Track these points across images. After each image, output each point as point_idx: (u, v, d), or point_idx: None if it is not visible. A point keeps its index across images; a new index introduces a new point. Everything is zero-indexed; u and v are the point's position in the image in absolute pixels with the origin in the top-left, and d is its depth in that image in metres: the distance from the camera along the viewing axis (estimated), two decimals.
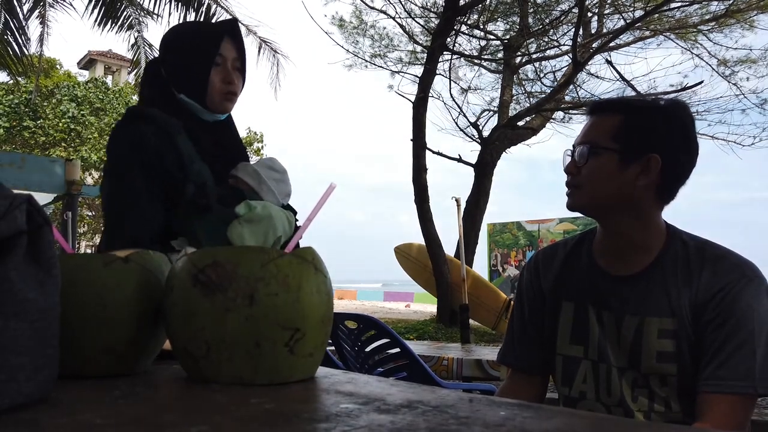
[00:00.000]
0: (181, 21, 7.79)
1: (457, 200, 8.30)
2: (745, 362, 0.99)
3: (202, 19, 7.84)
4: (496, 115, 10.46)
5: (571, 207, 1.15)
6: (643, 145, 1.08)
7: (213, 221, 1.19)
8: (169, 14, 7.79)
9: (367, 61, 10.88)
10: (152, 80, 1.39)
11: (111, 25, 7.89)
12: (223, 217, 1.19)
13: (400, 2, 9.90)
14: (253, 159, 1.44)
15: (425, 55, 9.50)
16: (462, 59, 10.94)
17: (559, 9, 10.05)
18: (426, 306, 16.56)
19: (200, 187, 1.25)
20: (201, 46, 1.34)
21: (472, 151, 17.75)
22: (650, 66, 26.91)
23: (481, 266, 10.93)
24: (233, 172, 1.32)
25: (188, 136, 1.30)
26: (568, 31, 10.10)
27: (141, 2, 7.92)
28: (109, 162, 1.27)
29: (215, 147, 1.37)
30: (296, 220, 1.30)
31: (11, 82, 11.84)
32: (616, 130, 1.10)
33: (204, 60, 1.33)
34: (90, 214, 15.80)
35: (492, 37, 10.83)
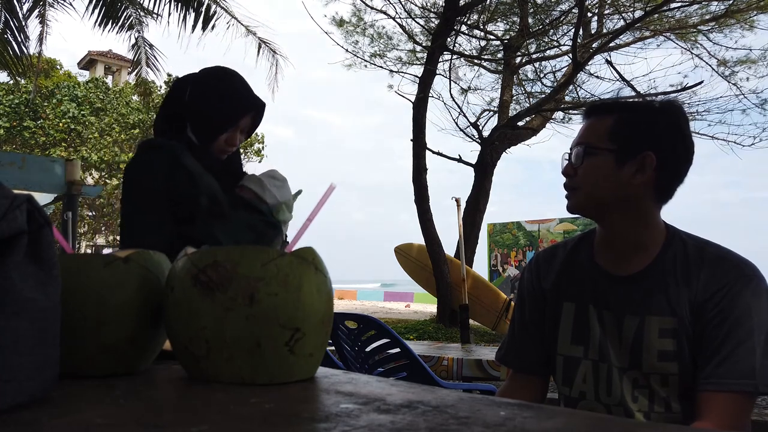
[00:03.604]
0: (181, 21, 7.79)
1: (457, 200, 8.30)
2: (745, 360, 0.99)
3: (201, 21, 7.83)
4: (496, 115, 10.46)
5: (570, 209, 1.16)
6: (638, 143, 1.09)
7: (232, 227, 1.39)
8: (169, 14, 7.79)
9: (366, 60, 10.88)
10: (174, 101, 1.52)
11: (111, 25, 7.89)
12: (241, 222, 1.40)
13: (400, 2, 9.90)
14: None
15: (425, 55, 9.50)
16: (462, 59, 10.94)
17: (559, 9, 10.05)
18: (426, 306, 16.58)
19: (212, 198, 1.41)
20: (224, 115, 1.49)
21: (472, 151, 17.77)
22: (650, 66, 26.90)
23: (481, 266, 10.94)
24: (240, 183, 1.51)
25: (193, 155, 1.46)
26: (568, 32, 10.10)
27: (141, 2, 7.92)
28: (124, 189, 1.44)
29: (216, 168, 1.52)
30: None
31: (11, 82, 11.84)
32: (611, 129, 1.11)
33: (220, 126, 1.49)
34: (90, 214, 15.80)
35: (492, 37, 10.83)
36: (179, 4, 7.72)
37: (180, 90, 1.52)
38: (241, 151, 1.69)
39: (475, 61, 11.08)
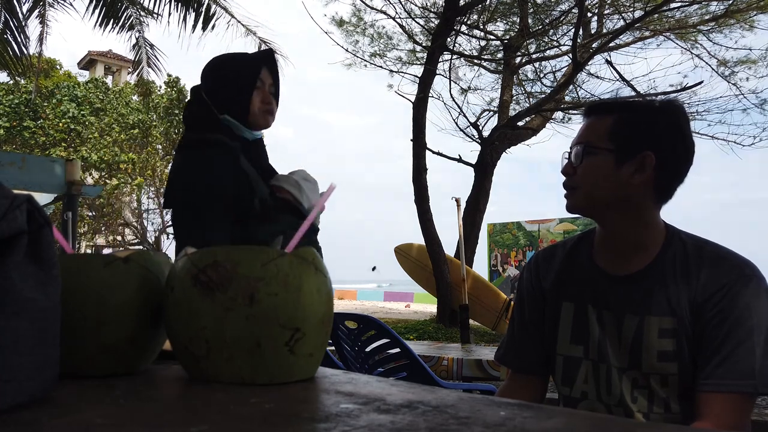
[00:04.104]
0: (181, 21, 7.80)
1: (457, 200, 8.30)
2: (744, 361, 0.99)
3: (201, 21, 7.84)
4: (496, 115, 10.46)
5: (569, 208, 1.16)
6: (637, 143, 1.08)
7: (279, 229, 1.37)
8: (169, 14, 7.79)
9: (366, 60, 10.88)
10: (196, 104, 1.54)
11: (112, 25, 7.89)
12: (288, 225, 1.40)
13: (400, 2, 9.90)
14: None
15: (425, 55, 9.50)
16: (462, 59, 10.94)
17: (558, 9, 10.05)
18: (426, 306, 16.57)
19: (262, 201, 1.42)
20: (243, 73, 1.52)
21: (472, 151, 17.76)
22: (650, 66, 26.93)
23: (481, 266, 10.94)
24: (275, 182, 1.51)
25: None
26: (568, 32, 10.10)
27: (141, 2, 7.92)
28: (184, 186, 1.41)
29: (254, 162, 1.54)
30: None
31: (11, 82, 11.84)
32: (610, 129, 1.11)
33: (246, 84, 1.51)
34: (90, 214, 15.79)
35: (492, 37, 10.83)
36: (179, 3, 7.72)
37: (197, 95, 1.54)
38: None
39: (475, 61, 11.08)
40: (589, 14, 9.88)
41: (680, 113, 1.12)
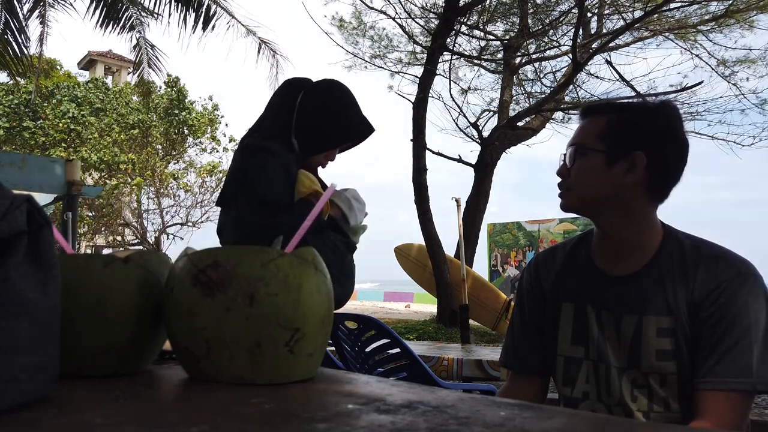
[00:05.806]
0: (181, 21, 7.78)
1: (457, 200, 8.30)
2: (742, 359, 0.99)
3: (202, 21, 7.84)
4: (496, 115, 10.46)
5: (563, 208, 1.17)
6: (628, 143, 1.09)
7: (319, 244, 1.33)
8: (169, 14, 7.79)
9: (366, 61, 10.88)
10: (287, 103, 1.54)
11: (113, 26, 7.90)
12: (328, 242, 1.40)
13: (400, 3, 9.90)
14: None
15: (425, 55, 9.50)
16: (462, 60, 10.94)
17: (558, 9, 10.05)
18: (426, 306, 16.56)
19: (300, 217, 1.40)
20: (332, 137, 1.54)
21: (472, 151, 17.76)
22: (650, 66, 26.90)
23: (481, 266, 10.93)
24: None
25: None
26: (567, 32, 10.10)
27: (142, 2, 7.92)
28: (244, 189, 1.44)
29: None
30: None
31: (11, 82, 11.84)
32: (603, 130, 1.11)
33: (338, 141, 1.54)
34: (90, 214, 15.79)
35: (492, 37, 10.83)
36: (179, 4, 7.72)
37: (292, 92, 1.53)
38: None
39: (475, 61, 11.08)
40: (589, 14, 9.89)
41: (672, 113, 1.12)
